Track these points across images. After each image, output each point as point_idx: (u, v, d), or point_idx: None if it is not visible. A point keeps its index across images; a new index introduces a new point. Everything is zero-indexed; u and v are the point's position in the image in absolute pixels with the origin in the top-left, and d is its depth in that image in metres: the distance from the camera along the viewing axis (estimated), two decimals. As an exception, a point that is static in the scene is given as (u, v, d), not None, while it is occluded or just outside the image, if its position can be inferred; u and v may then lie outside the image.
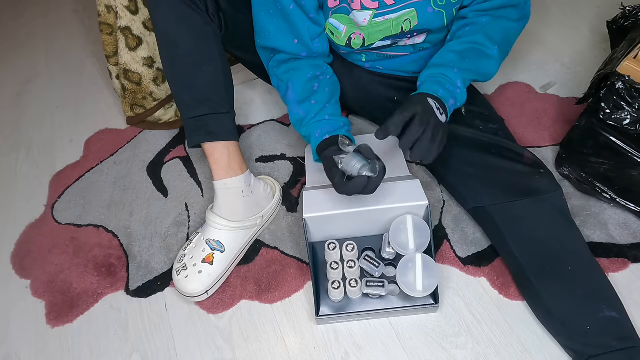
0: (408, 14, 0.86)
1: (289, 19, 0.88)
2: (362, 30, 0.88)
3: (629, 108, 0.89)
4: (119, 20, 1.08)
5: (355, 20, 0.87)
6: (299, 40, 0.90)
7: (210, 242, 0.90)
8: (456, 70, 0.86)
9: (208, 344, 0.86)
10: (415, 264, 0.81)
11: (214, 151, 0.89)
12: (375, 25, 0.87)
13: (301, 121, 0.91)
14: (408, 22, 0.86)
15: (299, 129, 0.93)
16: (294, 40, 0.90)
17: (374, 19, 0.86)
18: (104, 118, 1.30)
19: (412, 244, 0.84)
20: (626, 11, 1.06)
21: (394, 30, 0.88)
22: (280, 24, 0.89)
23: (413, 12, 0.85)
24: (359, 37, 0.90)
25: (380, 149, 1.06)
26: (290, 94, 0.92)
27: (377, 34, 0.88)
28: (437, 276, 0.81)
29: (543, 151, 1.06)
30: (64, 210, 1.09)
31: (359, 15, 0.86)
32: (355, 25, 0.88)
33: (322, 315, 0.84)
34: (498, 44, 0.88)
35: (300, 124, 0.92)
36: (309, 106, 0.90)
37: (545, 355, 0.79)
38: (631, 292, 0.84)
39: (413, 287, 0.80)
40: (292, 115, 0.94)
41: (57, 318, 0.92)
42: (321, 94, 0.91)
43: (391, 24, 0.87)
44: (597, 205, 0.96)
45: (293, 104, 0.92)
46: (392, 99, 1.04)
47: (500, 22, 0.89)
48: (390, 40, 0.91)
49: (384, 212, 0.86)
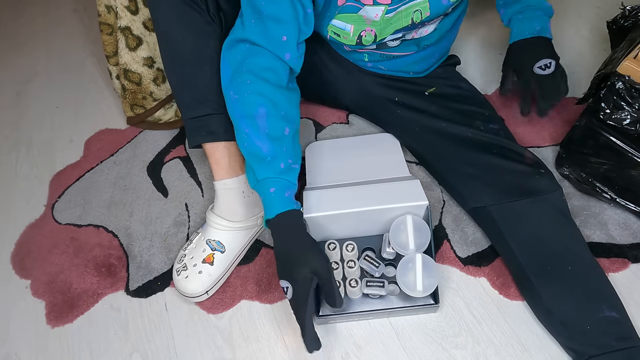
0: (419, 5, 0.85)
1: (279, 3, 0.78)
2: (374, 25, 0.87)
3: (629, 108, 0.89)
4: (119, 20, 1.08)
5: (366, 16, 0.86)
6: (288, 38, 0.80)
7: (210, 242, 0.90)
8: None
9: (208, 344, 0.86)
10: (415, 264, 0.82)
11: (214, 151, 0.89)
12: (387, 20, 0.86)
13: (264, 161, 0.77)
14: (419, 12, 0.86)
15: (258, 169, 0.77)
16: (282, 36, 0.80)
17: (387, 14, 0.85)
18: (104, 118, 1.30)
19: (412, 244, 0.84)
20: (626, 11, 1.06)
21: (404, 22, 0.87)
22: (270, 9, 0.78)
23: (425, 3, 0.85)
24: (370, 34, 0.89)
25: (379, 149, 1.06)
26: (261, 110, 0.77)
27: (388, 28, 0.88)
28: (437, 276, 0.81)
29: (543, 151, 1.06)
30: (64, 210, 1.09)
31: (371, 10, 0.85)
32: (365, 22, 0.87)
33: (322, 315, 0.84)
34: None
35: (263, 164, 0.77)
36: (278, 150, 0.77)
37: (545, 355, 0.80)
38: (631, 292, 0.84)
39: (413, 287, 0.80)
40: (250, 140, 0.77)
41: (57, 318, 0.92)
42: (295, 146, 0.81)
43: (401, 15, 0.86)
44: (597, 205, 0.96)
45: (261, 129, 0.77)
46: (393, 100, 1.04)
47: None
48: (401, 33, 0.91)
49: (384, 212, 0.86)
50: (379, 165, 1.01)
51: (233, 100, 0.80)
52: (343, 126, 1.17)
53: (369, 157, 1.03)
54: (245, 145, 0.78)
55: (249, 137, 0.78)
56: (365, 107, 1.11)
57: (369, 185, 0.90)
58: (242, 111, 0.78)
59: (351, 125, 1.17)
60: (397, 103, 1.04)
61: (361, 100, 1.09)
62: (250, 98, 0.78)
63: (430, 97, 1.02)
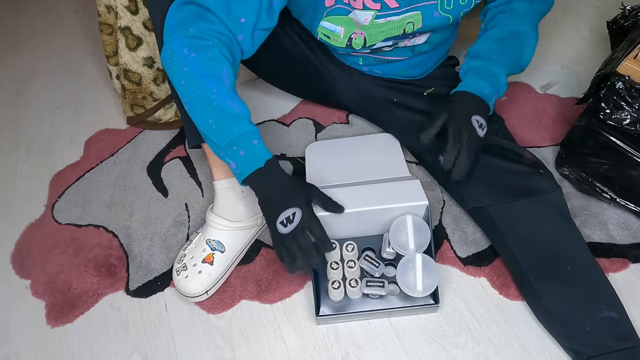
0: (412, 17, 0.85)
1: None
2: (363, 29, 0.87)
3: (629, 108, 0.89)
4: (119, 20, 1.08)
5: (355, 19, 0.86)
6: (246, 20, 0.78)
7: (210, 242, 0.90)
8: (499, 65, 0.87)
9: (208, 344, 0.86)
10: (415, 264, 0.82)
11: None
12: (377, 26, 0.86)
13: (239, 117, 0.77)
14: (411, 24, 0.86)
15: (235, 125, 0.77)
16: (241, 17, 0.77)
17: (376, 19, 0.85)
18: (104, 118, 1.30)
19: (412, 243, 0.84)
20: (626, 11, 1.06)
21: (396, 31, 0.87)
22: None
23: (418, 15, 0.85)
24: (360, 37, 0.89)
25: (379, 149, 1.06)
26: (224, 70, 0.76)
27: (378, 35, 0.88)
28: (437, 276, 0.81)
29: (543, 151, 1.06)
30: (64, 210, 1.09)
31: (360, 14, 0.85)
32: (356, 25, 0.87)
33: (322, 315, 0.84)
34: (536, 30, 0.90)
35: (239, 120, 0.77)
36: (245, 108, 0.78)
37: (545, 355, 0.80)
38: (631, 292, 0.84)
39: (413, 287, 0.81)
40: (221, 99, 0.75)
41: (57, 318, 0.92)
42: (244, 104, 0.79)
43: (393, 25, 0.86)
44: (597, 205, 0.96)
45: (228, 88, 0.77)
46: (392, 100, 1.04)
47: (535, 6, 0.90)
48: (392, 41, 0.91)
49: (384, 212, 0.86)
50: (379, 165, 1.01)
51: (190, 58, 0.75)
52: (343, 126, 1.17)
53: (369, 157, 1.04)
54: (215, 104, 0.75)
55: (219, 96, 0.75)
56: (365, 108, 1.11)
57: (369, 186, 0.90)
58: (205, 71, 0.75)
59: (351, 125, 1.17)
60: (396, 104, 1.04)
61: (361, 102, 1.09)
62: (214, 58, 0.76)
63: (429, 97, 1.02)
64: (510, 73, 0.90)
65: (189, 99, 0.77)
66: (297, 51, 1.02)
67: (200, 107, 0.77)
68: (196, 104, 0.77)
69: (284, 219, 0.76)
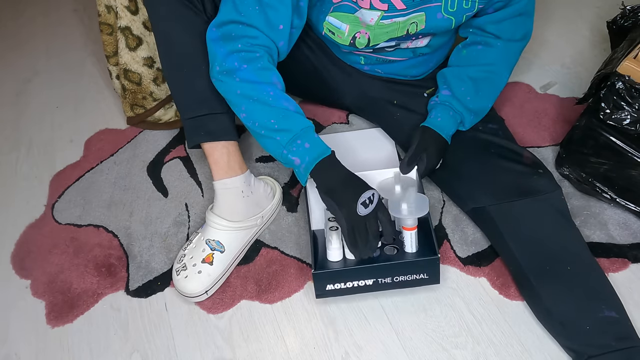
0: (416, 17, 0.85)
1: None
2: (368, 29, 0.88)
3: (629, 108, 0.89)
4: (119, 20, 1.08)
5: (361, 18, 0.86)
6: (284, 26, 0.83)
7: (210, 242, 0.90)
8: (468, 113, 0.93)
9: (208, 344, 0.86)
10: (403, 191, 0.86)
11: (213, 151, 0.89)
12: (382, 26, 0.86)
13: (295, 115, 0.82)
14: (415, 25, 0.86)
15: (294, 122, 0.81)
16: (280, 25, 0.83)
17: (382, 20, 0.86)
18: (104, 118, 1.30)
19: (398, 188, 0.87)
20: (626, 11, 1.06)
21: (400, 32, 0.87)
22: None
23: (422, 16, 0.85)
24: (364, 37, 0.89)
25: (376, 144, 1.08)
26: (275, 79, 0.83)
27: (382, 35, 0.88)
28: (425, 204, 0.84)
29: (543, 151, 1.06)
30: (64, 210, 1.09)
31: (367, 14, 0.85)
32: (361, 24, 0.88)
33: (319, 272, 0.82)
34: (510, 73, 0.97)
35: (296, 117, 0.81)
36: (298, 107, 0.83)
37: (545, 355, 0.80)
38: (631, 292, 0.84)
39: (398, 209, 0.83)
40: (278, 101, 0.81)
41: (57, 318, 0.92)
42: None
43: (398, 26, 0.86)
44: (597, 205, 0.96)
45: (282, 92, 0.83)
46: (391, 102, 1.04)
47: (511, 45, 0.94)
48: (394, 42, 0.91)
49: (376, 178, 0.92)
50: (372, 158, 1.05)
51: (242, 69, 0.81)
52: (343, 126, 1.17)
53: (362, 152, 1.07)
54: (273, 105, 0.81)
55: (275, 98, 0.81)
56: (365, 108, 1.11)
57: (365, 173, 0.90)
58: (258, 79, 0.81)
59: (351, 125, 1.17)
60: (396, 104, 1.04)
61: (361, 102, 1.09)
62: (264, 67, 0.82)
63: (429, 98, 1.02)
64: (472, 111, 0.95)
65: (246, 107, 0.82)
66: (298, 52, 1.02)
67: (259, 111, 0.81)
68: (255, 109, 0.81)
69: (366, 199, 0.78)
